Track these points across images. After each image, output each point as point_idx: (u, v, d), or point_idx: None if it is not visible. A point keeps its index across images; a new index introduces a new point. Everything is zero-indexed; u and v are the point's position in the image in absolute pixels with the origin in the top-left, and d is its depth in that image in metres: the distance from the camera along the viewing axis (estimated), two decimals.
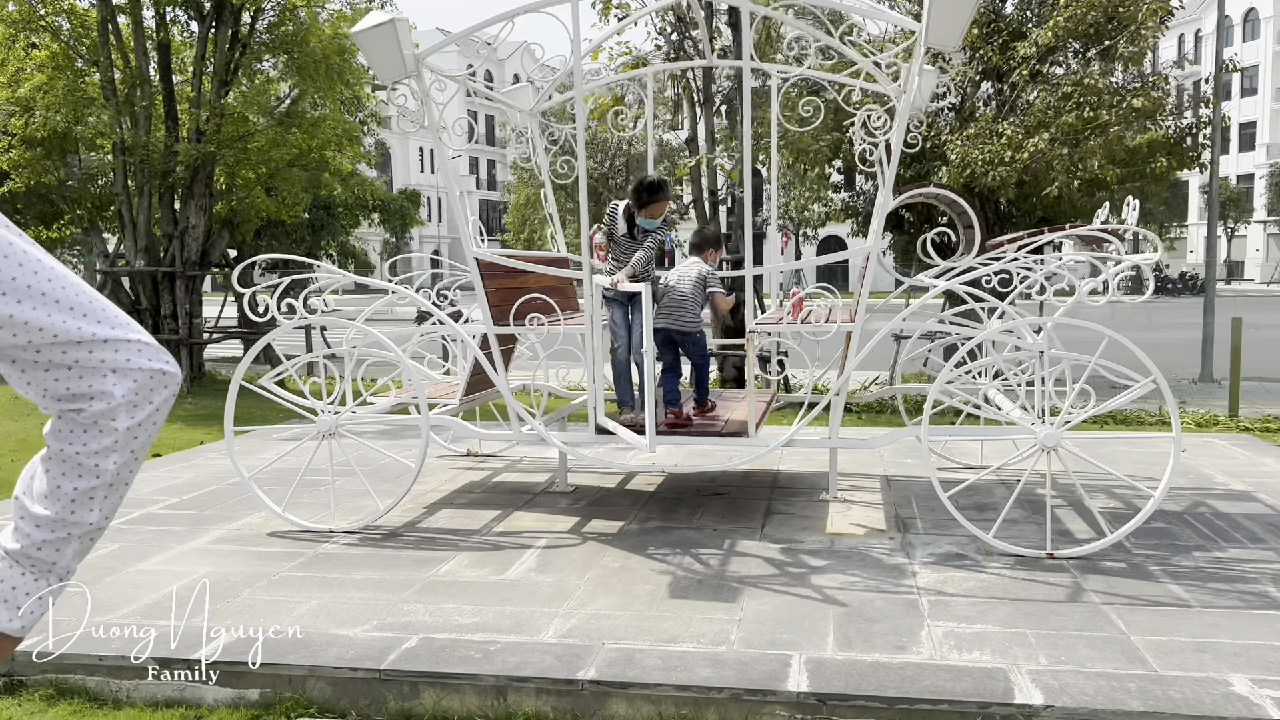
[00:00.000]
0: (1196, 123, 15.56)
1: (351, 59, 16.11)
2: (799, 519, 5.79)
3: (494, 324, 5.70)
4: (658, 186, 5.67)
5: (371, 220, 27.28)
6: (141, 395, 1.30)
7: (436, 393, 6.34)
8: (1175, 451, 4.88)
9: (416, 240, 74.01)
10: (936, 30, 4.77)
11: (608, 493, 6.56)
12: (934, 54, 4.80)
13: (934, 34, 4.79)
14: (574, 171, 7.37)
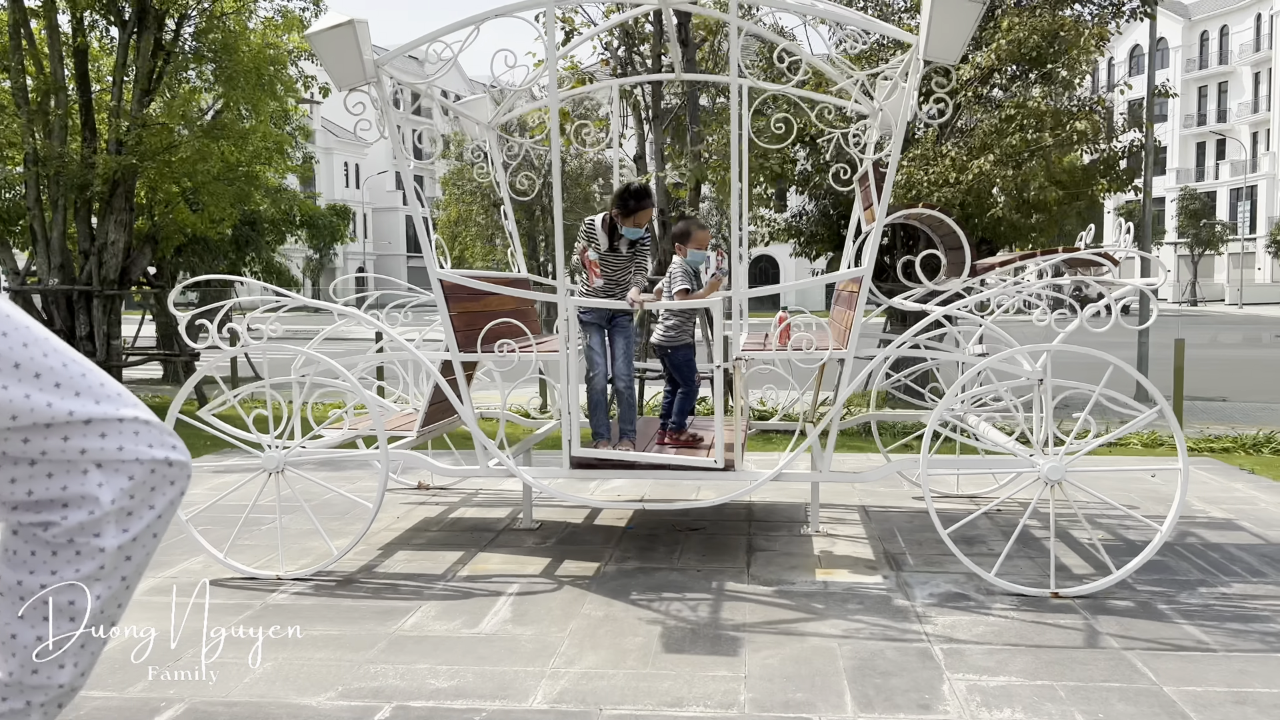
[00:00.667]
0: (1129, 146, 15.82)
1: (283, 69, 15.50)
2: (784, 556, 5.47)
3: (460, 350, 5.28)
4: (644, 192, 5.35)
5: (298, 236, 26.44)
6: (139, 499, 0.91)
7: (393, 424, 5.88)
8: (1182, 484, 4.69)
9: (341, 257, 72.53)
10: (937, 42, 4.53)
11: (576, 529, 6.16)
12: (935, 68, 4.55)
13: (934, 46, 4.55)
14: (534, 188, 7.01)
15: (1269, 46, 61.81)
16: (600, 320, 5.45)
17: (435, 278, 5.21)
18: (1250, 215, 61.40)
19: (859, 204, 6.45)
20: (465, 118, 6.79)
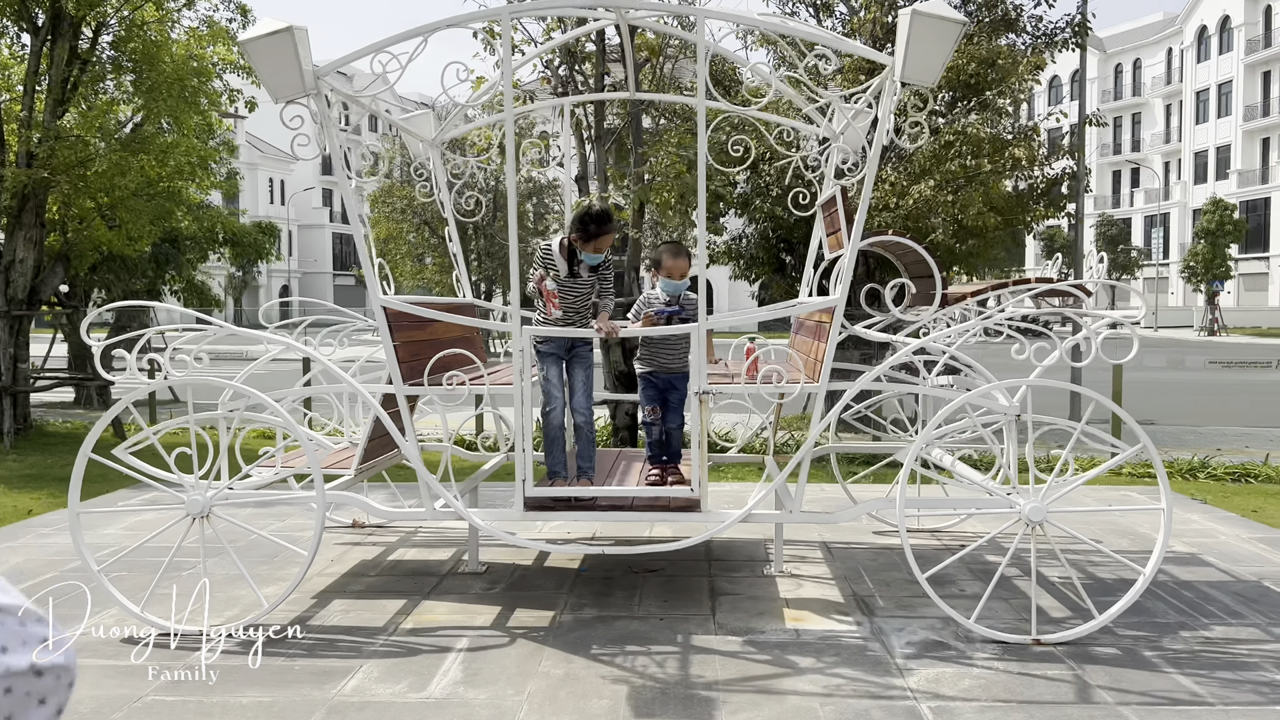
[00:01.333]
0: (1062, 173, 16.06)
1: (207, 82, 14.87)
2: (750, 601, 5.18)
3: (405, 381, 4.89)
4: (605, 216, 5.00)
5: (221, 254, 25.54)
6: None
7: (328, 461, 5.46)
8: (1165, 525, 4.52)
9: (265, 275, 70.75)
10: (916, 63, 4.33)
11: (526, 572, 5.79)
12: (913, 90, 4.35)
13: (912, 68, 4.34)
14: (482, 208, 6.66)
15: (1180, 80, 64.24)
16: (559, 350, 5.12)
17: (379, 304, 4.83)
18: (1163, 241, 63.56)
19: (820, 230, 6.24)
20: (408, 134, 6.42)
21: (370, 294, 4.81)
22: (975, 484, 4.83)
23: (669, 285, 5.25)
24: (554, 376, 5.08)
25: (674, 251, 5.23)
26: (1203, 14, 61.54)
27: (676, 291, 5.28)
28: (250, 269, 65.77)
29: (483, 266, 41.75)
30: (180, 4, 14.03)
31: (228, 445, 4.90)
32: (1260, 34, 57.30)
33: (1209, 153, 61.60)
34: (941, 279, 5.08)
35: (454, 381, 4.85)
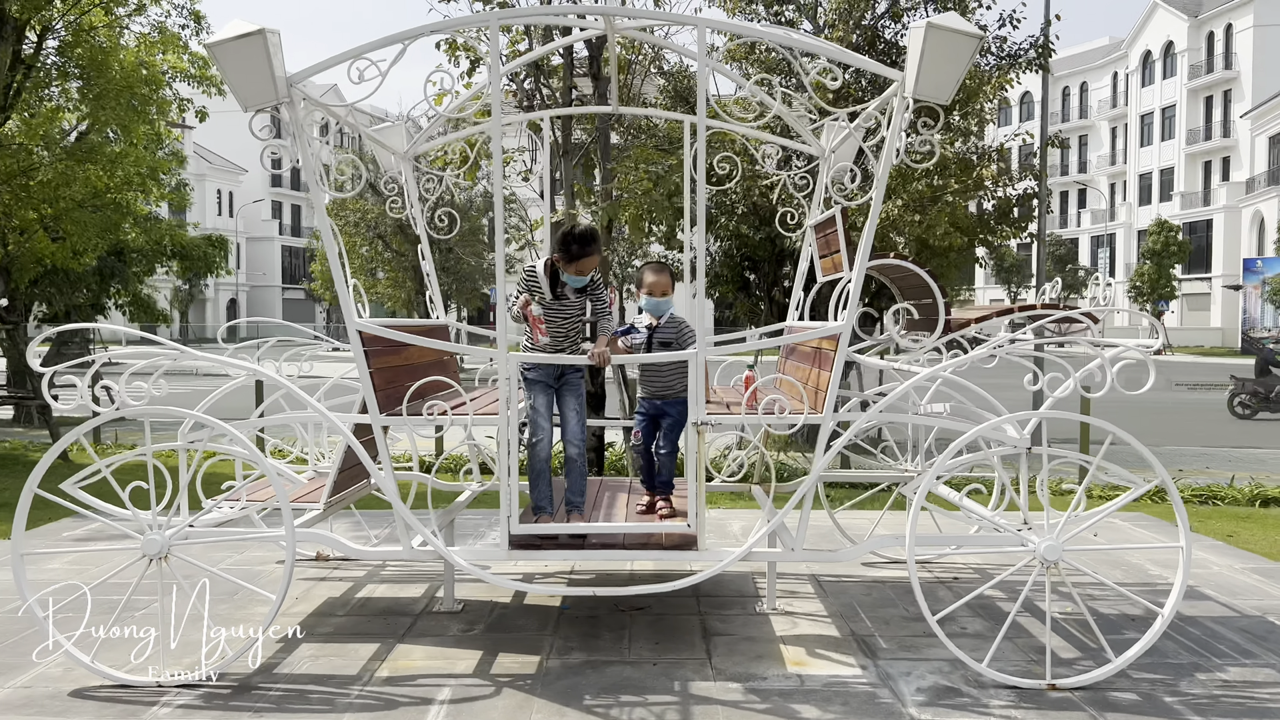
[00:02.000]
0: (1024, 192, 16.13)
1: (157, 90, 14.36)
2: (746, 642, 4.91)
3: (381, 412, 4.57)
4: (588, 236, 4.68)
5: (169, 268, 24.80)
6: None
7: (296, 495, 5.10)
8: (1184, 564, 4.34)
9: (212, 288, 69.31)
10: (929, 80, 4.13)
11: (505, 610, 5.47)
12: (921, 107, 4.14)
13: (925, 84, 4.14)
14: (456, 226, 6.35)
15: (1125, 103, 65.67)
16: (547, 378, 4.83)
17: (353, 328, 4.50)
18: (1109, 261, 64.80)
19: (814, 252, 6.03)
20: (379, 146, 6.10)
21: (344, 317, 4.48)
22: (985, 520, 4.61)
23: (650, 303, 5.03)
24: (542, 406, 4.79)
25: (655, 269, 5.02)
26: (1147, 39, 63.03)
27: (658, 310, 5.06)
28: (197, 283, 64.45)
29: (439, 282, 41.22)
30: (130, 9, 13.52)
31: (188, 479, 4.53)
32: (1202, 59, 58.80)
33: (1153, 175, 62.98)
34: (945, 304, 4.88)
35: (435, 411, 4.53)
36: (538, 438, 4.78)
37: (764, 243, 15.04)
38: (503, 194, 4.51)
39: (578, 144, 12.60)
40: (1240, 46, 56.37)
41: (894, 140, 4.32)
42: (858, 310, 4.42)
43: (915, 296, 5.47)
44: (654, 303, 5.05)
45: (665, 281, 5.02)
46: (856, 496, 7.71)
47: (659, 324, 5.05)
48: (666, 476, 5.08)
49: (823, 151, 6.13)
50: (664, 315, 5.04)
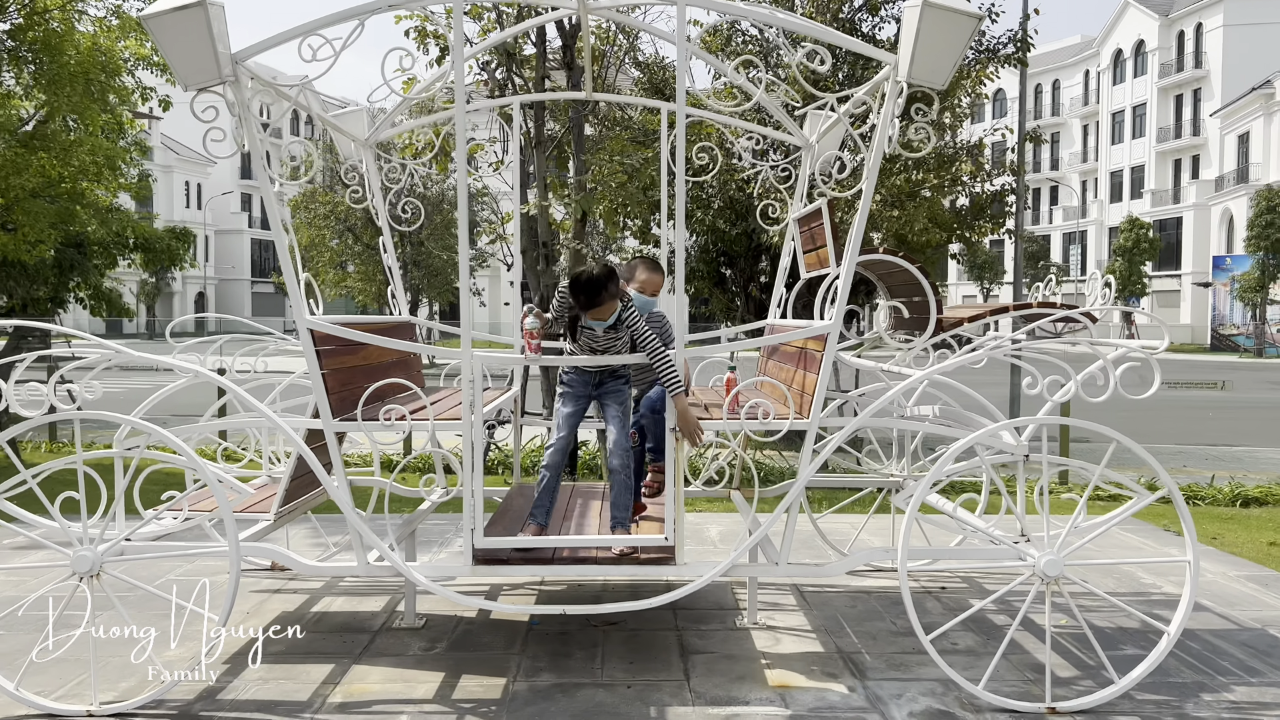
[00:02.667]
0: (1002, 188, 15.97)
1: (115, 76, 13.86)
2: (726, 661, 4.63)
3: (335, 417, 4.23)
4: (595, 285, 4.15)
5: (132, 260, 24.19)
6: None
7: (245, 505, 4.76)
8: (1191, 580, 4.09)
9: (180, 281, 68.21)
10: (924, 63, 3.85)
11: (470, 626, 5.15)
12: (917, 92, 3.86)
13: (920, 68, 3.86)
14: (420, 216, 6.02)
15: (1096, 101, 66.05)
16: (581, 387, 4.52)
17: (304, 326, 4.17)
18: (1081, 258, 65.21)
19: (796, 246, 5.75)
20: (338, 133, 5.75)
21: (295, 314, 4.14)
22: (980, 532, 4.35)
23: (640, 300, 4.76)
24: (566, 411, 4.51)
25: (650, 265, 4.76)
26: (1118, 38, 63.39)
27: (645, 309, 4.81)
28: (164, 276, 63.37)
29: (408, 276, 40.70)
30: None
31: (124, 489, 4.18)
32: (1173, 58, 59.21)
33: (1124, 172, 63.38)
34: (937, 302, 4.61)
35: (392, 416, 4.21)
36: (553, 443, 4.49)
37: (740, 238, 14.79)
38: (468, 184, 4.19)
39: (551, 135, 12.28)
40: (1210, 45, 56.80)
41: (886, 127, 4.05)
42: (844, 308, 4.14)
43: (903, 294, 5.20)
44: (645, 301, 4.86)
45: (658, 282, 4.82)
46: (838, 501, 7.46)
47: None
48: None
49: (805, 141, 5.86)
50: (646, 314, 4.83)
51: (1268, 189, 44.10)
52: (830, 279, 4.56)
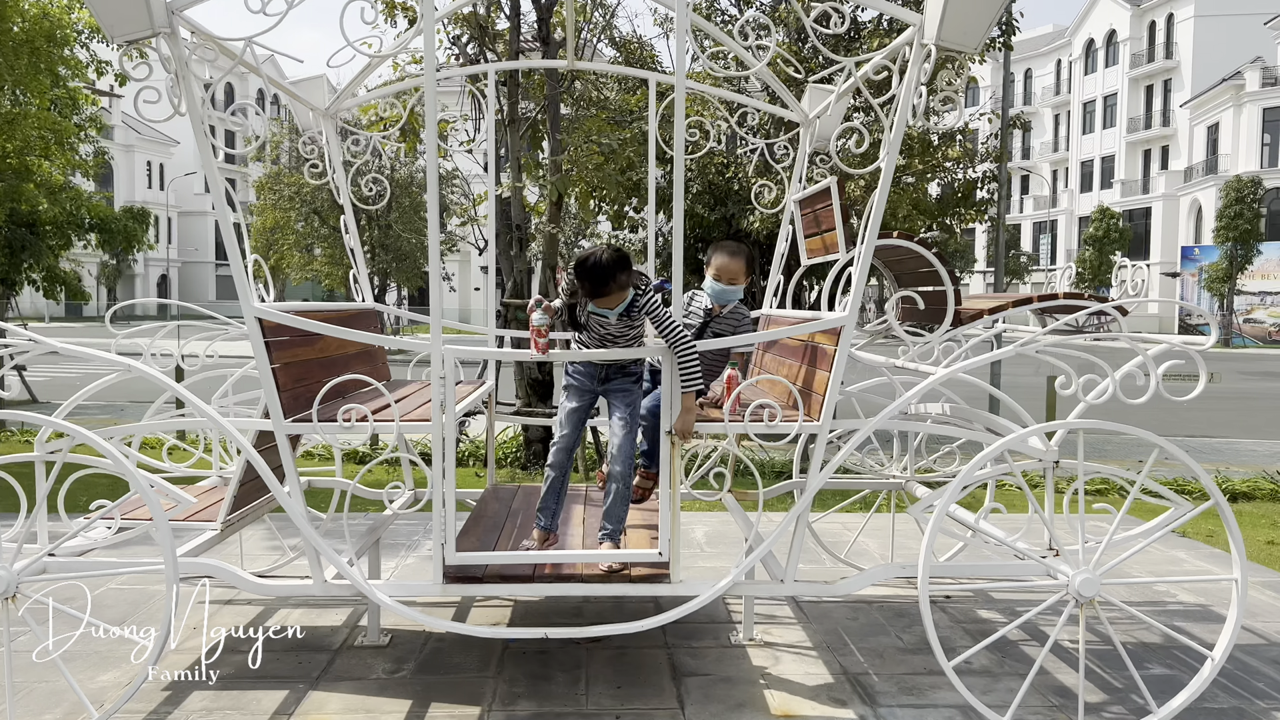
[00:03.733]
0: (983, 176, 15.67)
1: (63, 49, 13.18)
2: (723, 684, 4.21)
3: (287, 417, 3.76)
4: (600, 273, 3.70)
5: (88, 241, 23.34)
6: None
7: (188, 512, 4.26)
8: (1238, 601, 3.72)
9: (141, 264, 66.74)
10: (954, 23, 3.43)
11: (440, 644, 4.69)
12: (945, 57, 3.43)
13: (951, 28, 3.43)
14: (385, 194, 5.53)
15: (1068, 91, 66.19)
16: (585, 381, 4.07)
17: (251, 315, 3.68)
18: (1051, 248, 65.42)
19: (797, 230, 5.31)
20: (297, 102, 5.24)
21: (241, 301, 3.65)
22: (1004, 546, 3.94)
23: (715, 289, 4.46)
24: (571, 407, 4.08)
25: (731, 250, 4.41)
26: (1090, 28, 63.49)
27: (723, 298, 4.50)
28: (125, 258, 61.87)
29: (376, 260, 39.91)
30: None
31: (45, 497, 3.69)
32: (1144, 48, 59.39)
33: (1094, 162, 63.60)
34: (956, 292, 4.20)
35: (353, 416, 3.73)
36: (557, 441, 4.05)
37: (719, 223, 14.38)
38: (437, 159, 3.72)
39: (525, 115, 11.77)
40: (1181, 36, 57.00)
41: (909, 96, 3.62)
42: (860, 300, 3.71)
43: (911, 283, 4.79)
44: (719, 289, 4.47)
45: (738, 268, 4.41)
46: (833, 503, 7.07)
47: (721, 312, 4.52)
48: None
49: (804, 117, 5.42)
50: (728, 304, 4.51)
51: (1236, 180, 44.35)
52: (841, 265, 4.14)
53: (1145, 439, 3.70)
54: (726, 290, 4.47)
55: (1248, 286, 45.23)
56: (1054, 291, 4.35)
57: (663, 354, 3.74)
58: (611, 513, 3.94)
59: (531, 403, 10.38)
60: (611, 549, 3.90)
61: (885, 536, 6.45)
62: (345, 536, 3.97)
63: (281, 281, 48.75)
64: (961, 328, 4.39)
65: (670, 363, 3.71)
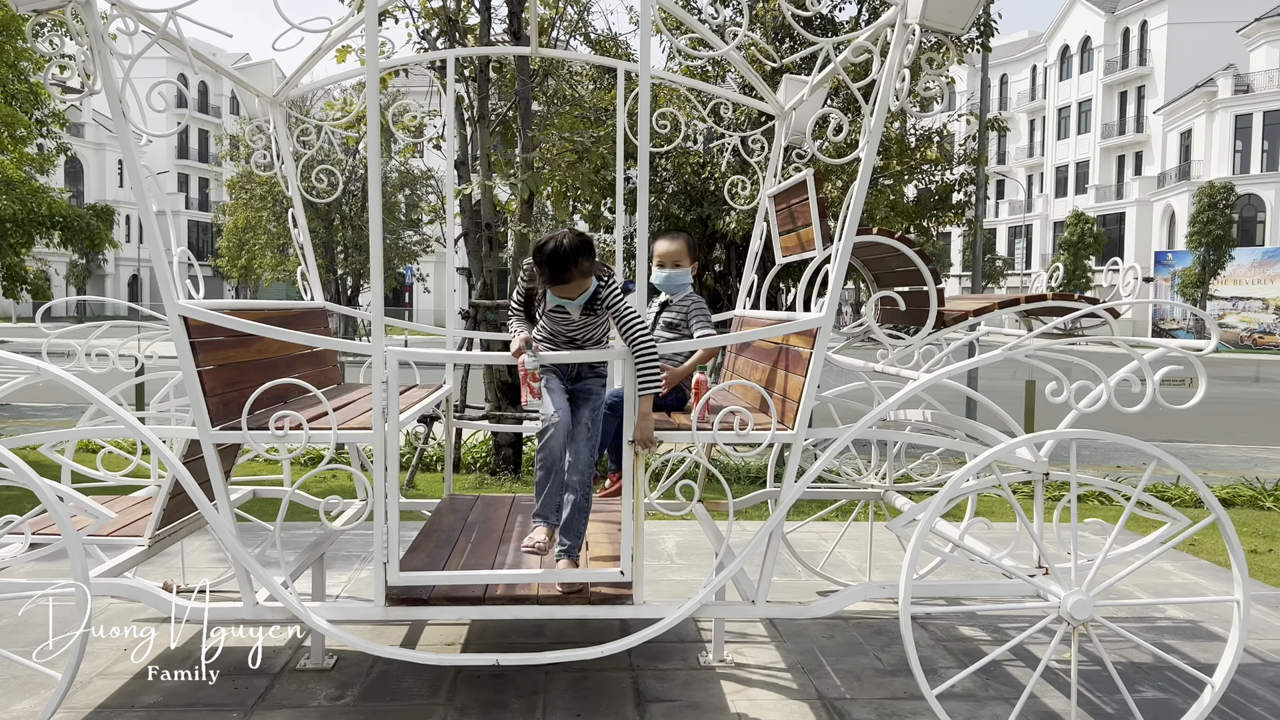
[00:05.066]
0: (960, 179, 15.51)
1: (15, 40, 12.76)
2: (690, 711, 3.92)
3: (214, 425, 3.44)
4: (560, 259, 3.43)
5: (51, 239, 22.78)
6: None
7: (113, 526, 3.93)
8: (1240, 624, 3.48)
9: (111, 263, 65.72)
10: (940, 3, 3.17)
11: (388, 667, 4.38)
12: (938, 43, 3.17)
13: (936, 8, 3.18)
14: (337, 187, 5.23)
15: (1043, 96, 66.52)
16: (562, 381, 3.79)
17: (174, 313, 3.37)
18: (1026, 252, 65.69)
19: (771, 227, 5.05)
20: (242, 87, 4.92)
21: (163, 297, 3.34)
22: (991, 565, 3.68)
23: (660, 276, 4.35)
24: (556, 387, 3.73)
25: (670, 235, 4.35)
26: (1065, 34, 63.86)
27: (669, 285, 4.36)
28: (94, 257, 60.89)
29: (350, 261, 39.47)
30: None
31: None
32: (1118, 55, 59.79)
33: (1069, 167, 63.97)
34: (939, 293, 3.94)
35: (286, 424, 3.42)
36: (550, 423, 3.62)
37: (695, 224, 14.12)
38: (379, 145, 3.41)
39: (495, 112, 11.47)
40: (1154, 43, 57.41)
41: (891, 81, 3.36)
42: (837, 300, 3.45)
43: (891, 283, 4.54)
44: (664, 276, 4.32)
45: (679, 249, 4.26)
46: (810, 513, 6.81)
47: (671, 301, 4.38)
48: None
49: (779, 108, 5.17)
50: (677, 292, 4.35)
51: (1209, 186, 44.66)
52: (817, 264, 3.87)
53: (1141, 450, 3.45)
54: (672, 275, 4.26)
55: (1220, 292, 45.54)
56: (1040, 292, 4.11)
57: (623, 357, 3.46)
58: (569, 527, 3.65)
59: (501, 406, 10.08)
60: (569, 567, 3.61)
61: (863, 547, 6.21)
62: (279, 552, 3.66)
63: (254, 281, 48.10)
64: (943, 331, 4.14)
65: (629, 366, 3.42)
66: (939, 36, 3.28)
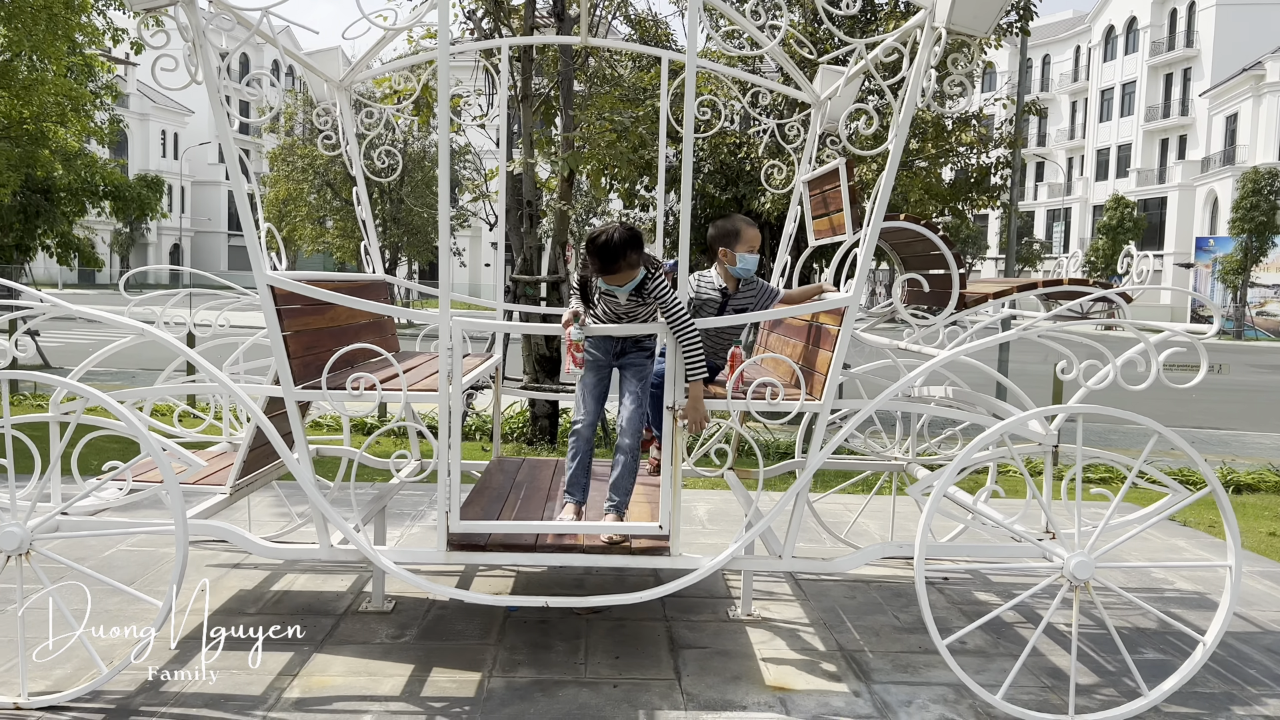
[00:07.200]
0: (996, 162, 15.58)
1: (79, 15, 13.20)
2: (720, 657, 4.28)
3: (297, 384, 3.82)
4: (611, 250, 3.76)
5: (101, 209, 23.42)
6: None
7: (199, 476, 4.33)
8: (1232, 587, 3.76)
9: (155, 232, 66.93)
10: (965, 9, 3.44)
11: (443, 611, 4.77)
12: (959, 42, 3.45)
13: (962, 13, 3.45)
14: (398, 166, 5.58)
15: (1086, 78, 65.66)
16: (602, 354, 4.14)
17: (263, 282, 3.74)
18: (1064, 235, 65.11)
19: (805, 211, 5.34)
20: (312, 73, 5.27)
21: (253, 268, 3.71)
22: (1001, 528, 3.99)
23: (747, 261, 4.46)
24: (591, 383, 4.14)
25: (748, 220, 4.48)
26: (1111, 14, 62.89)
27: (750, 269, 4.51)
28: (138, 226, 62.08)
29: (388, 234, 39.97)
30: None
31: (59, 457, 3.77)
32: (1165, 36, 58.82)
33: (1110, 150, 63.16)
34: (961, 276, 4.23)
35: (361, 385, 3.79)
36: (579, 419, 4.10)
37: (730, 203, 14.38)
38: (450, 134, 3.75)
39: (538, 91, 11.77)
40: (1202, 24, 56.41)
41: (918, 80, 3.64)
42: (865, 281, 3.75)
43: (918, 266, 4.82)
44: (752, 261, 4.48)
45: (756, 235, 4.46)
46: (834, 483, 7.12)
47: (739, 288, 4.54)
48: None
49: (815, 98, 5.44)
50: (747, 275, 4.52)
51: (1254, 171, 44.00)
52: (847, 247, 4.17)
53: (1145, 425, 3.73)
54: (752, 260, 4.48)
55: (1262, 279, 44.96)
56: (1060, 277, 4.38)
57: (667, 336, 3.80)
58: (619, 485, 4.02)
59: (539, 378, 10.45)
60: (615, 520, 3.97)
61: (886, 518, 6.52)
62: (352, 504, 4.05)
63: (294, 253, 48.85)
64: (966, 311, 4.42)
65: (674, 345, 3.77)
66: (963, 39, 3.54)
